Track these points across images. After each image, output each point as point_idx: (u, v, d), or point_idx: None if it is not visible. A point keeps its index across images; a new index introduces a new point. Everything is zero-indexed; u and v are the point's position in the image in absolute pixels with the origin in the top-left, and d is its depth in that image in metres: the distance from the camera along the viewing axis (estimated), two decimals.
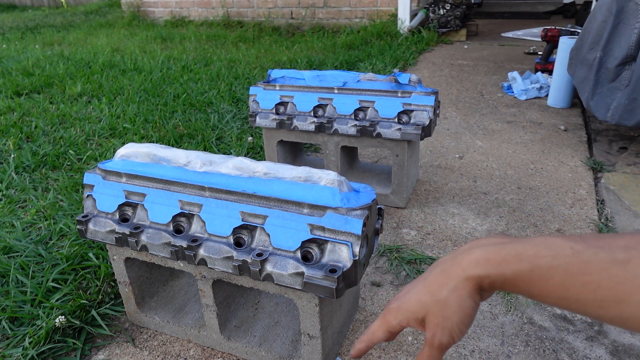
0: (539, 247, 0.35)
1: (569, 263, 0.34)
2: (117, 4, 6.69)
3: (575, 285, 0.34)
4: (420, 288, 0.42)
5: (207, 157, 0.82)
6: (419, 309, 0.41)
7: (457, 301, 0.39)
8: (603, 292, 0.33)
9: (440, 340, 0.40)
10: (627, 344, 0.86)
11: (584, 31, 1.84)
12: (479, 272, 0.38)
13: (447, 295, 0.39)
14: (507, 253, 0.37)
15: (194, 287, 1.00)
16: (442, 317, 0.39)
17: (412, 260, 1.11)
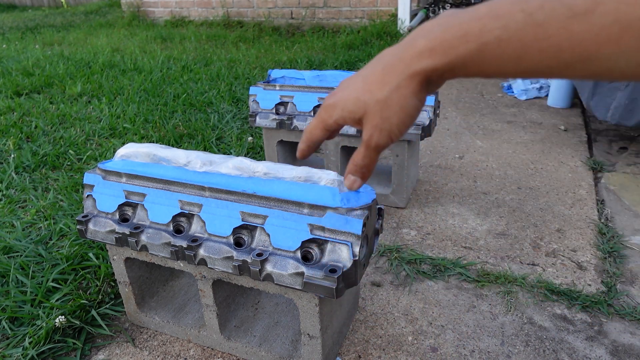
0: (485, 20, 0.30)
1: (521, 31, 0.29)
2: (117, 4, 6.69)
3: (533, 54, 0.29)
4: (359, 85, 0.38)
5: (207, 157, 0.82)
6: (357, 108, 0.38)
7: (399, 101, 0.35)
8: (566, 55, 0.28)
9: (377, 142, 0.38)
10: (627, 344, 0.86)
11: None
12: (424, 65, 0.33)
13: (389, 95, 0.35)
14: (452, 36, 0.32)
15: (194, 287, 1.00)
16: (382, 118, 0.36)
17: (412, 260, 1.11)
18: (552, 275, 1.05)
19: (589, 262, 1.09)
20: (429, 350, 0.86)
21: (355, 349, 0.87)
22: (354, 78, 0.39)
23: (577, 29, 0.27)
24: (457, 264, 1.09)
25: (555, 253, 1.13)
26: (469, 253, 1.14)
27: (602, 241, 1.16)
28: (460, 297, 0.99)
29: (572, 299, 0.97)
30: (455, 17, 0.32)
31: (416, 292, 1.01)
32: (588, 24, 0.27)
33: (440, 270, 1.08)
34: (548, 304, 0.96)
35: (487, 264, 1.09)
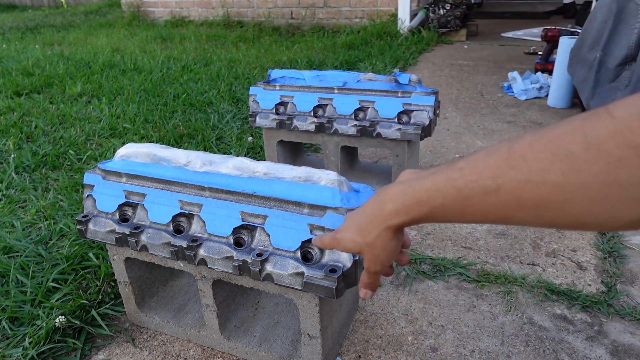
0: (431, 192, 0.42)
1: (455, 201, 0.40)
2: (117, 4, 6.69)
3: (468, 213, 0.40)
4: (354, 229, 0.51)
5: (207, 157, 0.82)
6: (355, 247, 0.52)
7: (381, 244, 0.49)
8: (490, 216, 0.39)
9: (374, 269, 0.53)
10: (627, 344, 0.86)
11: (584, 31, 1.84)
12: (394, 222, 0.46)
13: (374, 240, 0.49)
14: (410, 202, 0.44)
15: (194, 287, 1.00)
16: (373, 255, 0.51)
17: (412, 260, 1.11)
18: (552, 275, 1.05)
19: (589, 262, 1.09)
20: (429, 350, 0.86)
21: (355, 349, 0.87)
22: (353, 217, 0.52)
23: (491, 200, 0.38)
24: (457, 264, 1.09)
25: (555, 253, 1.13)
26: (469, 253, 1.14)
27: (602, 241, 1.16)
28: (460, 297, 0.99)
29: (572, 299, 0.97)
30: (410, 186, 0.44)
31: (416, 292, 1.01)
32: (497, 199, 0.37)
33: (440, 270, 1.08)
34: (548, 304, 0.96)
35: (487, 264, 1.09)
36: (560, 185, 0.34)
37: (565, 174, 0.33)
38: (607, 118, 0.32)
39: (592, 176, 0.32)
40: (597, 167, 0.32)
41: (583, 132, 0.33)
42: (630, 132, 0.30)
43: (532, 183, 0.35)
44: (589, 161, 0.32)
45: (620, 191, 0.32)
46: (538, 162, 0.35)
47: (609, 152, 0.31)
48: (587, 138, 0.32)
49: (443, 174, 0.41)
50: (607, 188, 0.32)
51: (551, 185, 0.34)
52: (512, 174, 0.36)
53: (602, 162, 0.32)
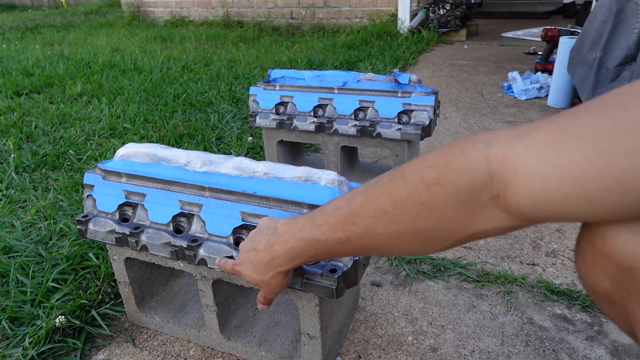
0: (304, 247, 0.54)
1: (323, 249, 0.52)
2: (117, 4, 6.69)
3: (336, 254, 0.53)
4: (252, 269, 0.61)
5: (207, 157, 0.82)
6: (253, 282, 0.62)
7: (275, 281, 0.61)
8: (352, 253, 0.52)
9: (269, 297, 0.66)
10: (627, 344, 0.86)
11: (584, 31, 1.84)
12: (283, 268, 0.59)
13: (269, 280, 0.61)
14: (292, 254, 0.56)
15: (194, 287, 1.00)
16: (268, 289, 0.63)
17: (412, 260, 1.11)
18: (552, 275, 1.05)
19: None
20: (429, 350, 0.86)
21: (355, 349, 0.87)
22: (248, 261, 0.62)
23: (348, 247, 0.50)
24: (457, 264, 1.09)
25: (555, 253, 1.13)
26: (469, 253, 1.14)
27: None
28: (460, 297, 0.99)
29: (572, 299, 0.97)
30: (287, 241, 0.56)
31: (416, 292, 1.01)
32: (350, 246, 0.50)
33: (440, 270, 1.08)
34: (548, 304, 0.96)
35: (487, 264, 1.09)
36: (385, 234, 0.46)
37: (387, 226, 0.45)
38: (403, 182, 0.43)
39: (403, 226, 0.44)
40: (404, 219, 0.43)
41: (390, 194, 0.44)
42: (419, 193, 0.41)
43: (369, 234, 0.47)
44: (398, 216, 0.44)
45: (424, 234, 0.44)
46: (368, 219, 0.46)
47: (409, 208, 0.43)
48: (394, 199, 0.44)
49: (309, 227, 0.53)
50: (415, 233, 0.44)
51: (381, 235, 0.46)
52: (354, 228, 0.48)
53: (407, 216, 0.43)
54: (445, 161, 0.40)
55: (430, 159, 0.42)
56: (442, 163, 0.40)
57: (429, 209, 0.41)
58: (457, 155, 0.40)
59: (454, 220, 0.41)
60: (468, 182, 0.39)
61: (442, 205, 0.41)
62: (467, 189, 0.39)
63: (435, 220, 0.42)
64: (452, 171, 0.40)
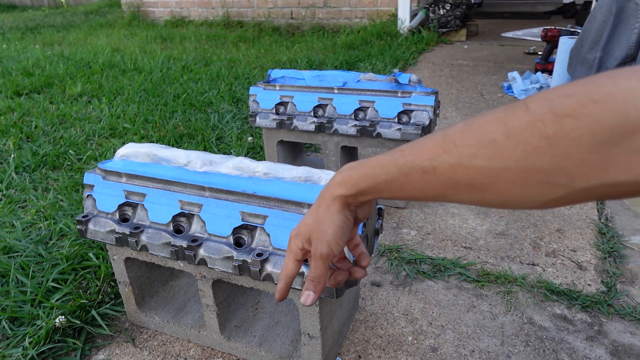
0: (375, 169, 0.46)
1: (397, 177, 0.44)
2: (117, 4, 6.69)
3: (408, 189, 0.44)
4: (307, 214, 0.52)
5: (207, 157, 0.82)
6: (306, 230, 0.51)
7: (329, 217, 0.50)
8: (428, 192, 0.43)
9: (320, 251, 0.50)
10: (627, 344, 0.86)
11: (584, 31, 1.84)
12: (341, 191, 0.49)
13: (322, 214, 0.50)
14: (357, 176, 0.48)
15: (194, 287, 1.00)
16: (320, 232, 0.50)
17: (412, 260, 1.11)
18: (552, 275, 1.05)
19: (589, 262, 1.09)
20: (429, 350, 0.86)
21: (355, 349, 0.87)
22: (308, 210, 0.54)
23: (428, 179, 0.42)
24: (457, 264, 1.09)
25: (555, 253, 1.13)
26: (469, 253, 1.14)
27: (602, 241, 1.16)
28: (460, 297, 0.99)
29: (572, 299, 0.97)
30: (359, 164, 0.48)
31: (416, 292, 1.01)
32: (434, 178, 0.42)
33: (440, 270, 1.08)
34: (548, 304, 0.96)
35: (487, 264, 1.09)
36: (485, 168, 0.38)
37: (490, 159, 0.38)
38: (524, 110, 0.36)
39: (512, 161, 0.37)
40: (516, 154, 0.36)
41: (504, 122, 0.37)
42: (543, 124, 0.34)
43: (462, 166, 0.40)
44: (509, 148, 0.36)
45: (536, 175, 0.36)
46: (467, 148, 0.39)
47: (526, 141, 0.35)
48: (508, 128, 0.37)
49: (387, 155, 0.46)
50: (525, 172, 0.36)
51: (478, 169, 0.39)
52: (446, 157, 0.40)
53: (520, 150, 0.36)
54: (588, 91, 0.33)
55: (566, 88, 0.34)
56: (583, 93, 0.33)
57: (553, 144, 0.34)
58: (605, 85, 0.33)
59: (582, 163, 0.34)
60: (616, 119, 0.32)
61: (572, 142, 0.33)
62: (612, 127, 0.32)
63: (557, 160, 0.34)
64: (596, 103, 0.32)
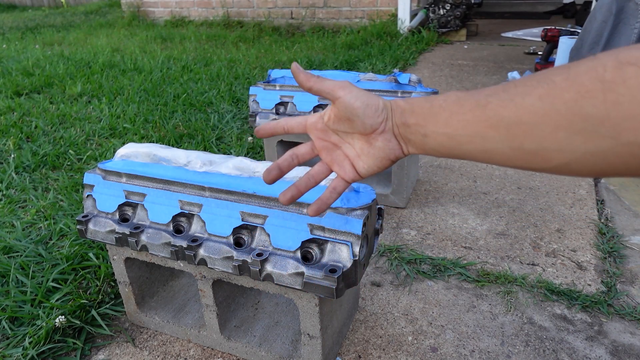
0: (438, 96, 0.47)
1: (453, 104, 0.45)
2: (117, 4, 6.69)
3: (454, 122, 0.44)
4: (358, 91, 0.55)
5: (207, 157, 0.82)
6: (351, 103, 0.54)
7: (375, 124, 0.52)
8: (470, 128, 0.43)
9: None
10: (627, 344, 0.86)
11: (584, 31, 1.84)
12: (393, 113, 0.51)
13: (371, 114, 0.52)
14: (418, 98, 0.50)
15: (194, 287, 1.00)
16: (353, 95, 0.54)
17: (412, 260, 1.11)
18: (552, 275, 1.05)
19: (589, 262, 1.09)
20: (429, 350, 0.86)
21: (355, 349, 0.87)
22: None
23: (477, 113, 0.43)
24: (457, 264, 1.09)
25: (555, 253, 1.13)
26: (469, 253, 1.14)
27: (602, 241, 1.16)
28: (460, 297, 0.99)
29: (572, 299, 0.97)
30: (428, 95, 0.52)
31: (416, 292, 1.01)
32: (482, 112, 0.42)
33: (440, 270, 1.08)
34: (548, 304, 0.96)
35: (487, 264, 1.09)
36: (534, 106, 0.38)
37: (542, 97, 0.37)
38: (592, 59, 0.36)
39: (562, 103, 0.36)
40: (568, 95, 0.36)
41: (569, 67, 0.37)
42: (603, 68, 0.34)
43: (513, 103, 0.40)
44: (563, 89, 0.36)
45: (583, 122, 0.35)
46: (524, 87, 0.39)
47: (581, 83, 0.35)
48: (569, 72, 0.36)
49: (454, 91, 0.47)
50: (573, 117, 0.36)
51: (527, 106, 0.38)
52: (502, 94, 0.41)
53: (573, 91, 0.35)
54: None
55: (638, 45, 0.34)
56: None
57: (607, 89, 0.33)
58: None
59: (633, 116, 0.33)
60: None
61: (627, 91, 0.32)
62: None
63: (607, 108, 0.33)
64: None
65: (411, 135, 0.49)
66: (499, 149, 0.42)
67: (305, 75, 0.56)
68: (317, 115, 0.57)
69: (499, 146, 0.41)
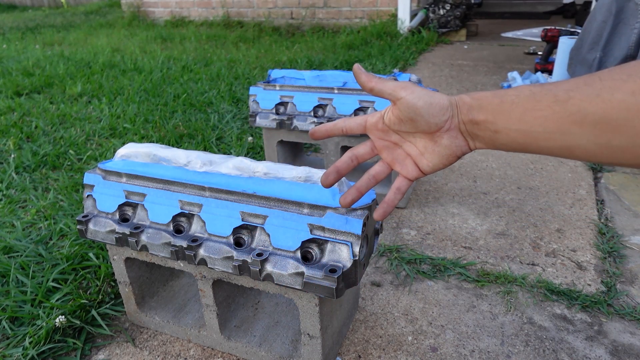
0: (508, 90, 0.46)
1: (527, 100, 0.43)
2: (117, 4, 6.69)
3: (529, 118, 0.43)
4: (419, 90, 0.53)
5: (207, 157, 0.82)
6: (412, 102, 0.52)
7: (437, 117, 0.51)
8: (549, 125, 0.41)
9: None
10: (627, 343, 0.86)
11: (583, 31, 1.84)
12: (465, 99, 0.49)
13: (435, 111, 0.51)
14: (487, 92, 0.48)
15: (194, 287, 1.00)
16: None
17: (412, 260, 1.11)
18: (552, 275, 1.05)
19: (588, 262, 1.09)
20: (429, 350, 0.86)
21: (355, 349, 0.87)
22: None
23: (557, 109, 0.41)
24: (457, 264, 1.09)
25: (555, 253, 1.13)
26: (469, 253, 1.14)
27: (602, 241, 1.16)
28: (460, 297, 0.99)
29: (572, 299, 0.97)
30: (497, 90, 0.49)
31: (416, 292, 1.02)
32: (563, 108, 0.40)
33: (440, 270, 1.08)
34: (548, 304, 0.97)
35: (487, 264, 1.10)
36: (626, 102, 0.36)
37: (635, 93, 0.36)
38: None
39: None
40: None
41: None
42: None
43: (600, 98, 0.38)
44: None
45: None
46: (612, 82, 0.37)
47: None
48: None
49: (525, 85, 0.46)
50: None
51: (617, 102, 0.37)
52: (585, 89, 0.39)
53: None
54: None
55: None
56: None
57: None
58: None
59: None
60: None
61: None
62: None
63: None
64: None
65: (480, 132, 0.48)
66: (582, 145, 0.40)
67: (367, 76, 0.54)
68: (377, 116, 0.56)
69: (583, 142, 0.40)
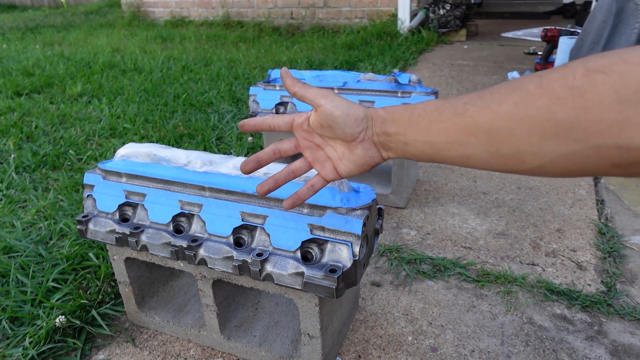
0: (417, 104, 0.49)
1: (431, 113, 0.47)
2: (117, 4, 6.69)
3: (434, 130, 0.46)
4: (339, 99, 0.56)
5: (207, 157, 0.82)
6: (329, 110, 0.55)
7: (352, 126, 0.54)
8: (450, 136, 0.45)
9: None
10: (627, 343, 0.86)
11: (583, 31, 1.84)
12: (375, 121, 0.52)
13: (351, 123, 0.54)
14: (397, 106, 0.51)
15: (194, 287, 1.00)
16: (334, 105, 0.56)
17: (412, 260, 1.11)
18: (552, 275, 1.05)
19: (588, 262, 1.09)
20: (429, 350, 0.86)
21: (355, 349, 0.87)
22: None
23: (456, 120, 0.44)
24: (457, 264, 1.09)
25: (555, 253, 1.13)
26: (469, 253, 1.14)
27: (602, 241, 1.16)
28: (460, 297, 0.99)
29: (572, 299, 0.97)
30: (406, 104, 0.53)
31: (416, 292, 1.02)
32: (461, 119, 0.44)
33: (440, 270, 1.08)
34: (548, 304, 0.97)
35: (487, 264, 1.09)
36: (509, 113, 0.40)
37: (516, 105, 0.39)
38: (563, 67, 0.38)
39: (535, 109, 0.38)
40: (541, 102, 0.38)
41: (541, 75, 0.39)
42: (573, 76, 0.36)
43: (489, 109, 0.41)
44: (536, 96, 0.38)
45: (554, 127, 0.37)
46: (499, 95, 0.41)
47: (553, 90, 0.37)
48: (542, 79, 0.38)
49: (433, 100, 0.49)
50: (545, 122, 0.38)
51: (503, 113, 0.40)
52: (478, 102, 0.43)
53: (545, 98, 0.37)
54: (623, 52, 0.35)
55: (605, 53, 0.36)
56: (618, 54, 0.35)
57: (577, 95, 0.35)
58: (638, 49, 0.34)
59: (600, 120, 0.35)
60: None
61: (595, 96, 0.34)
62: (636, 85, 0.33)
63: (577, 113, 0.36)
64: (627, 62, 0.34)
65: (392, 144, 0.51)
66: (477, 154, 0.44)
67: (292, 81, 0.57)
68: (303, 117, 0.59)
69: (478, 151, 0.43)
